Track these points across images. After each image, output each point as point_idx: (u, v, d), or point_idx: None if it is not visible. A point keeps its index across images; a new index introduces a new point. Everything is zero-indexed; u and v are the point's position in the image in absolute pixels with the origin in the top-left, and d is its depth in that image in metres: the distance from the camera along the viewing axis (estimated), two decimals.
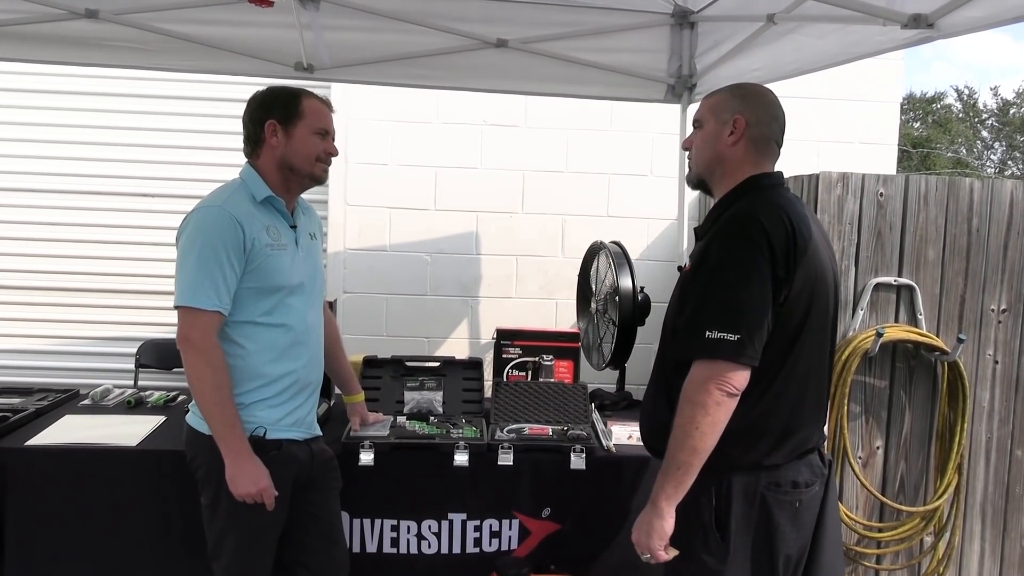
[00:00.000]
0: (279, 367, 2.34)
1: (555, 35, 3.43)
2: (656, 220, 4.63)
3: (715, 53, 3.41)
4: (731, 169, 2.09)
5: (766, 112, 2.10)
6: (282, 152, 2.35)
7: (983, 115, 32.44)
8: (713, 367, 1.87)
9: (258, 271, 2.27)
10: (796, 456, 2.01)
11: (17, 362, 4.61)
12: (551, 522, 2.88)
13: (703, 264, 1.97)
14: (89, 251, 4.60)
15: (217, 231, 2.21)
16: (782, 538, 1.99)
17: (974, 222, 3.36)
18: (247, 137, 2.39)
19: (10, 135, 4.54)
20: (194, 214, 2.27)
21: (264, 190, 2.34)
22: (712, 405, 1.87)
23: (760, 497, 1.97)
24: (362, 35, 3.41)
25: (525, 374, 3.52)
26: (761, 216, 1.92)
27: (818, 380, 2.06)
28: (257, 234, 2.27)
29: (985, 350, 3.42)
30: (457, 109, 4.52)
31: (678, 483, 1.92)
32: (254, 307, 2.29)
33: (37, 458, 2.71)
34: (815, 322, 1.98)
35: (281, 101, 2.36)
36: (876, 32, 2.45)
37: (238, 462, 2.23)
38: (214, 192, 2.35)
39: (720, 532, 1.97)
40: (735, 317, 1.87)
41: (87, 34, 3.29)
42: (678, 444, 1.91)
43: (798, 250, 1.92)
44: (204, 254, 2.19)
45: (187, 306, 2.20)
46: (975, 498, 3.47)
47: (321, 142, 2.39)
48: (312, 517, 2.48)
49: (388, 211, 4.58)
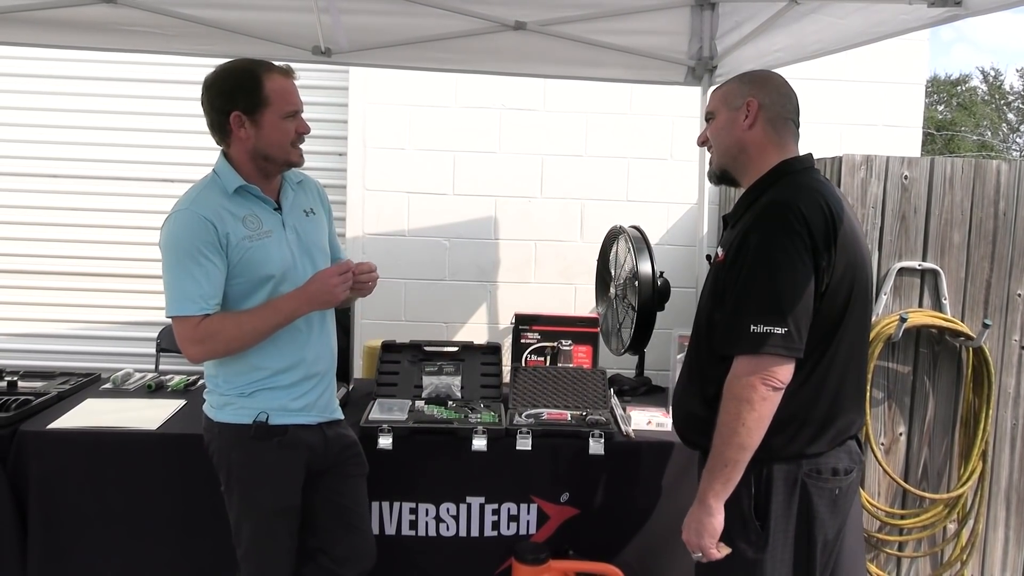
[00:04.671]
0: (280, 360, 2.29)
1: (574, 17, 3.40)
2: (676, 204, 4.59)
3: (736, 34, 3.36)
4: (755, 154, 2.06)
5: (778, 92, 2.08)
6: (253, 144, 2.23)
7: (1009, 97, 31.97)
8: (758, 361, 1.85)
9: (240, 265, 2.21)
10: (837, 444, 2.00)
11: (40, 346, 4.67)
12: (570, 507, 2.88)
13: (741, 254, 1.93)
14: (111, 236, 4.65)
15: (188, 234, 2.16)
16: (821, 525, 1.97)
17: (1001, 205, 3.30)
18: (211, 127, 2.27)
19: (34, 120, 4.57)
20: (166, 222, 2.22)
21: (236, 180, 2.25)
22: (758, 400, 1.85)
23: (801, 485, 1.96)
24: (380, 18, 3.39)
25: (544, 359, 3.51)
26: (800, 203, 1.89)
27: (858, 366, 2.04)
28: (232, 228, 2.19)
29: (1011, 336, 3.36)
30: (475, 93, 4.50)
31: (726, 480, 1.91)
32: (247, 301, 2.24)
33: (59, 441, 2.74)
34: (856, 308, 1.97)
35: (243, 89, 2.20)
36: (901, 11, 2.40)
37: (300, 295, 2.24)
38: (185, 194, 2.28)
39: (759, 521, 1.96)
40: (781, 309, 1.84)
41: (105, 19, 3.29)
42: (725, 441, 1.89)
43: (838, 236, 1.90)
44: (181, 260, 2.16)
45: (176, 315, 2.18)
46: (999, 485, 3.42)
47: (292, 124, 2.26)
48: (331, 503, 2.45)
49: (406, 196, 4.57)
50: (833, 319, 1.93)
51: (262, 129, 2.22)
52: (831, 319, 1.93)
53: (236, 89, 2.21)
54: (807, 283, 1.87)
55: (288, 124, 2.25)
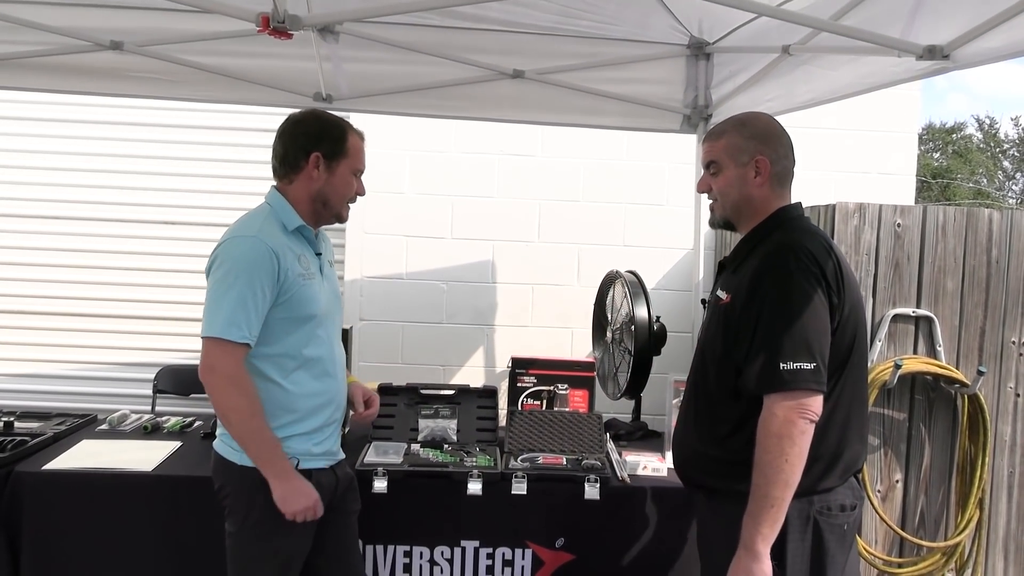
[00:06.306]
0: (311, 400, 2.31)
1: (571, 66, 3.46)
2: (672, 250, 4.63)
3: (731, 84, 3.43)
4: (759, 205, 2.14)
5: (783, 146, 2.16)
6: (320, 187, 2.32)
7: (1004, 145, 32.29)
8: (793, 397, 1.90)
9: (291, 301, 2.23)
10: (846, 478, 2.05)
11: (36, 386, 4.66)
12: (565, 552, 2.85)
13: (757, 296, 1.99)
14: (109, 277, 4.66)
15: (253, 262, 2.16)
16: (832, 561, 2.01)
17: (993, 253, 3.33)
18: (283, 159, 2.33)
19: (34, 163, 4.62)
20: (227, 244, 2.22)
21: (295, 219, 2.30)
22: (798, 435, 1.90)
23: (813, 523, 2.00)
24: (380, 66, 3.46)
25: (540, 403, 3.51)
26: (809, 246, 1.99)
27: (860, 400, 2.11)
28: (290, 264, 2.23)
29: (1006, 383, 3.37)
30: (474, 139, 4.56)
31: (774, 521, 1.91)
32: (287, 339, 2.25)
33: (54, 482, 2.73)
34: (860, 345, 2.05)
35: (329, 135, 2.32)
36: (891, 63, 2.45)
37: (287, 481, 2.21)
38: (244, 220, 2.30)
39: (776, 561, 1.96)
40: (808, 346, 1.91)
41: (112, 65, 3.35)
42: (770, 480, 1.90)
43: (844, 277, 1.99)
44: (238, 284, 2.14)
45: (218, 337, 2.14)
46: (997, 534, 3.40)
47: (356, 182, 2.39)
48: (329, 539, 2.43)
49: (405, 239, 4.60)
50: (842, 356, 2.00)
51: (334, 176, 2.33)
52: (840, 356, 2.00)
53: (323, 133, 2.32)
54: (826, 319, 1.95)
55: (354, 181, 2.39)
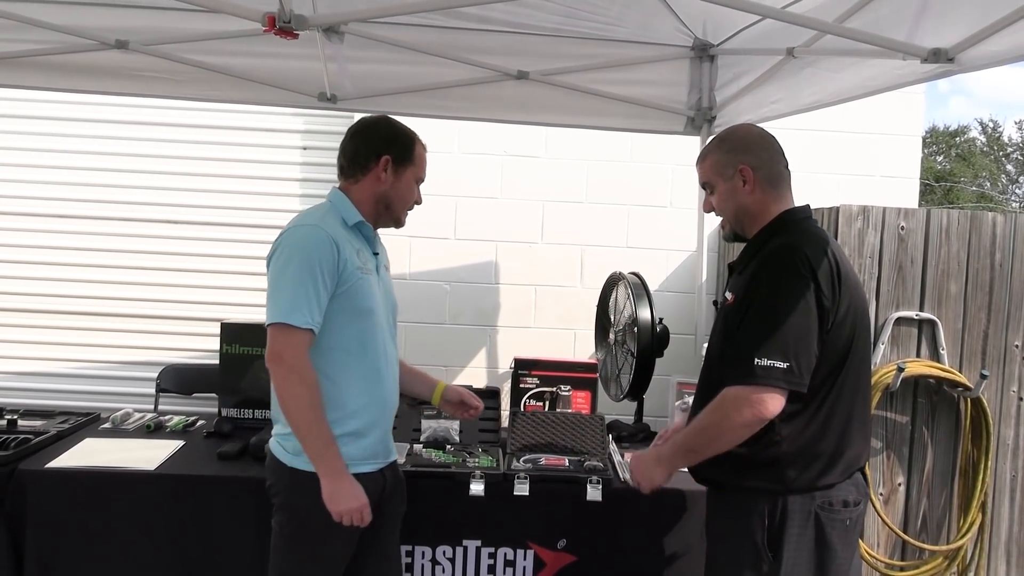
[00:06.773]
0: (362, 398, 2.32)
1: (575, 67, 3.47)
2: (675, 252, 4.62)
3: (735, 86, 3.43)
4: (758, 212, 2.19)
5: (763, 149, 2.21)
6: (386, 189, 2.40)
7: (1008, 148, 32.25)
8: (756, 391, 1.95)
9: (349, 293, 2.27)
10: (847, 475, 2.08)
11: (40, 385, 4.66)
12: (567, 553, 2.85)
13: (748, 295, 2.05)
14: (113, 276, 4.66)
15: (314, 249, 2.21)
16: (834, 558, 2.04)
17: (997, 256, 3.33)
18: (354, 159, 2.40)
19: (36, 161, 4.62)
20: (288, 232, 2.28)
21: (356, 215, 2.37)
22: (740, 427, 1.98)
23: (814, 517, 2.03)
24: (385, 67, 3.47)
25: (542, 404, 3.51)
26: (806, 249, 2.03)
27: (863, 400, 2.14)
28: (349, 256, 2.27)
29: (1009, 387, 3.37)
30: (478, 140, 4.55)
31: (686, 462, 2.19)
32: (343, 332, 2.27)
33: (57, 480, 2.73)
34: (859, 345, 2.08)
35: (400, 140, 2.41)
36: (895, 66, 2.46)
37: (338, 480, 2.21)
38: (305, 213, 2.38)
39: (772, 552, 2.02)
40: (785, 345, 1.95)
41: (117, 64, 3.37)
42: (694, 437, 2.11)
43: (842, 279, 2.02)
44: (301, 272, 2.19)
45: (282, 323, 2.17)
46: (999, 538, 3.40)
47: (417, 190, 2.49)
48: (371, 540, 2.41)
49: (408, 239, 4.59)
50: (839, 355, 2.03)
51: (400, 181, 2.42)
52: (837, 355, 2.03)
53: (395, 139, 2.42)
54: (809, 323, 1.97)
55: (416, 188, 2.49)
